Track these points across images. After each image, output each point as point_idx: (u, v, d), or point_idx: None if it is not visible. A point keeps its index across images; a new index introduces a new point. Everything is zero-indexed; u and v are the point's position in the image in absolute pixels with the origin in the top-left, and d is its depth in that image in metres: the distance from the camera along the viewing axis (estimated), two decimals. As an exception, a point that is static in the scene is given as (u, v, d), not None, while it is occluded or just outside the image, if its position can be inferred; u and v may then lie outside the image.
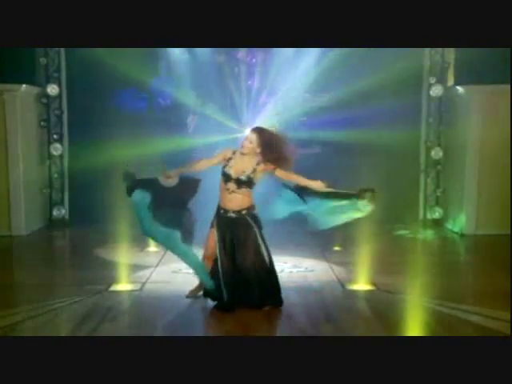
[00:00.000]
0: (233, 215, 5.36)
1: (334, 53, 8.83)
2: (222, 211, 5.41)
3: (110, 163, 8.28)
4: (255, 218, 5.42)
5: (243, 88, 9.50)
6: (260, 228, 5.44)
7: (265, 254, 5.38)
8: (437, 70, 9.52)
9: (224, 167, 5.36)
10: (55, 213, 9.65)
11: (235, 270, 5.33)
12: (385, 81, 8.91)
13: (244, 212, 5.37)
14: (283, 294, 5.62)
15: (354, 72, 9.08)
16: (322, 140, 9.68)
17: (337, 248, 7.90)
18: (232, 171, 5.33)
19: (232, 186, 5.32)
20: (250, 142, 5.31)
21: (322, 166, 9.41)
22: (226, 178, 5.34)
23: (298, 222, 8.42)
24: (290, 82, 9.38)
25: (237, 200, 5.34)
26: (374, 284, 6.16)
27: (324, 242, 8.15)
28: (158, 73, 9.53)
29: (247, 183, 5.33)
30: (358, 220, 7.20)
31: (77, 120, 9.49)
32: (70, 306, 5.47)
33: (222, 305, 5.31)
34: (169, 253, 7.09)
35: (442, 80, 9.50)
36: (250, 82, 9.56)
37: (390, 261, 7.03)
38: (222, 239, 5.36)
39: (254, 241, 5.35)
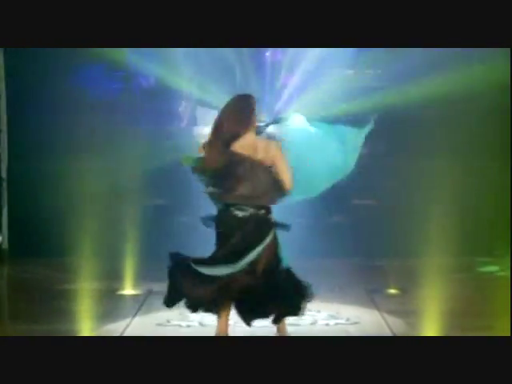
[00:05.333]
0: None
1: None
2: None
3: (69, 170, 8.55)
4: None
5: (263, 63, 9.66)
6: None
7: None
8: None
9: None
10: (-11, 240, 9.82)
11: None
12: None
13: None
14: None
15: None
16: (373, 135, 9.51)
17: (392, 291, 7.94)
18: None
19: None
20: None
21: (382, 171, 9.43)
22: None
23: (338, 253, 8.54)
24: (325, 56, 9.37)
25: None
26: (448, 343, 6.20)
27: (374, 281, 8.24)
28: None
29: None
30: (425, 251, 7.14)
31: (21, 109, 9.49)
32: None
33: None
34: (152, 298, 7.34)
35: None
36: (267, 54, 9.71)
37: (471, 310, 6.98)
38: None
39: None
